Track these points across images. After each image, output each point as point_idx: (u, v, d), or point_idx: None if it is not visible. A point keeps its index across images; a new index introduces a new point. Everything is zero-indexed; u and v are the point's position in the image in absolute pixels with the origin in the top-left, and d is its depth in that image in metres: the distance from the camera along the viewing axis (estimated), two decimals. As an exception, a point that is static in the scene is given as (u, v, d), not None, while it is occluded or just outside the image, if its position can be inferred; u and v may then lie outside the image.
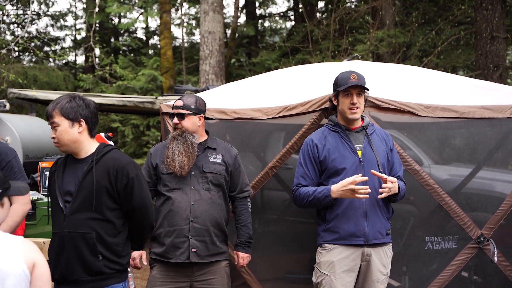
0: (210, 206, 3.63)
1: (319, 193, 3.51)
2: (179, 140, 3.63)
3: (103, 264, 2.92)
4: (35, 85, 13.19)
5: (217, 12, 10.93)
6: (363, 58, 9.91)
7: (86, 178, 2.93)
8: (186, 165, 3.59)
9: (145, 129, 11.40)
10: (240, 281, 4.30)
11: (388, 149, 3.67)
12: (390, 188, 3.44)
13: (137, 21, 15.76)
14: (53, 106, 2.98)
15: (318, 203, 3.54)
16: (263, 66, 12.85)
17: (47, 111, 3.01)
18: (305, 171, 3.62)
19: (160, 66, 12.49)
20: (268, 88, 4.67)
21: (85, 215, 2.90)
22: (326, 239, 3.56)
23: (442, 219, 4.20)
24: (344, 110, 3.58)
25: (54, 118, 2.96)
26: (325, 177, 3.59)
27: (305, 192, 3.57)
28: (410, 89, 4.30)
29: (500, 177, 4.80)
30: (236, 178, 3.78)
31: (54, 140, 3.00)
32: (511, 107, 4.03)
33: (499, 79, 9.55)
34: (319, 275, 3.56)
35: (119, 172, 2.95)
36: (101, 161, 2.97)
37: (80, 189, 2.92)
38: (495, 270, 4.05)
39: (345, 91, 3.56)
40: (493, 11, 9.74)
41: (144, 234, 3.17)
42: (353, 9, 12.03)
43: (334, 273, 3.49)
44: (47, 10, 17.97)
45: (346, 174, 3.51)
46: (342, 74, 3.62)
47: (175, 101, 3.76)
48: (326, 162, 3.56)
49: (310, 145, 3.63)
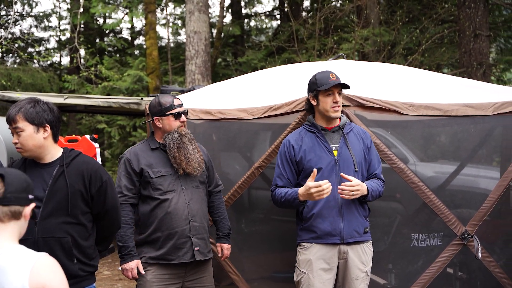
0: (201, 203, 3.69)
1: (289, 195, 3.59)
2: (189, 138, 3.66)
3: (78, 268, 2.95)
4: (19, 86, 13.06)
5: (203, 12, 10.92)
6: (349, 56, 9.96)
7: (57, 183, 2.90)
8: (202, 162, 3.67)
9: (132, 130, 11.34)
10: (227, 281, 4.31)
11: (366, 147, 3.71)
12: (350, 191, 3.46)
13: (122, 21, 15.67)
14: (16, 110, 2.89)
15: (289, 205, 3.63)
16: (249, 66, 12.85)
17: (10, 115, 2.90)
18: (282, 171, 3.69)
19: (146, 67, 12.43)
20: (254, 88, 4.68)
21: (59, 219, 2.89)
22: (304, 238, 3.63)
23: (427, 217, 4.24)
24: (327, 109, 3.61)
25: (18, 123, 2.89)
26: (302, 177, 3.63)
27: (279, 193, 3.65)
28: (395, 88, 4.33)
29: (484, 174, 4.86)
30: (211, 173, 3.87)
31: (17, 146, 2.92)
32: (494, 104, 4.07)
33: (482, 76, 9.64)
34: (299, 274, 3.63)
35: (93, 176, 2.98)
36: (71, 165, 2.96)
37: (51, 194, 2.88)
38: (479, 266, 4.10)
39: (327, 91, 3.58)
40: (475, 9, 9.84)
41: (112, 236, 3.23)
42: (338, 8, 12.08)
43: (311, 271, 3.55)
44: (30, 10, 17.80)
45: (322, 174, 3.56)
46: (321, 74, 3.65)
47: (173, 100, 3.70)
48: (303, 162, 3.61)
49: (287, 145, 3.68)
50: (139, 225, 3.63)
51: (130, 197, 3.59)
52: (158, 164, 3.64)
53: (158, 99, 3.70)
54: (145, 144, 3.75)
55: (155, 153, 3.68)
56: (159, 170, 3.61)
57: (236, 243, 4.37)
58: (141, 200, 3.64)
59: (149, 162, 3.63)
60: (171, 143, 3.62)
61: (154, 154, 3.67)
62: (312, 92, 3.67)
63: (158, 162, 3.64)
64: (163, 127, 3.67)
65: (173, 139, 3.62)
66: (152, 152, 3.68)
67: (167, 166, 3.64)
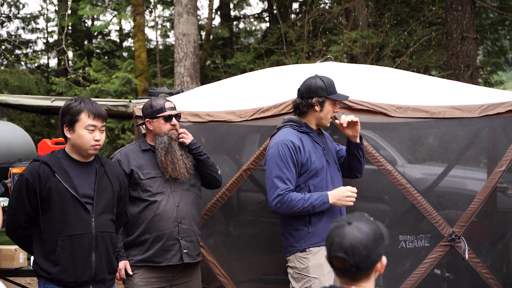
0: (191, 206, 3.66)
1: (316, 200, 3.43)
2: (179, 143, 3.65)
3: (115, 263, 3.19)
4: (6, 89, 12.96)
5: (191, 14, 10.90)
6: (337, 59, 9.99)
7: (102, 181, 3.03)
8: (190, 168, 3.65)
9: (120, 132, 11.30)
10: (216, 284, 4.30)
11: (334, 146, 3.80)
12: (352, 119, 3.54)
13: (111, 23, 15.60)
14: (102, 108, 3.01)
15: (312, 210, 3.45)
16: (238, 68, 12.85)
17: (102, 113, 2.99)
18: (292, 174, 3.47)
19: (134, 69, 12.39)
20: (243, 90, 4.68)
21: (107, 216, 3.04)
22: (312, 242, 3.49)
23: (415, 218, 4.26)
24: (327, 118, 3.58)
25: (105, 122, 3.02)
26: (305, 179, 3.51)
27: (299, 198, 3.43)
28: (383, 90, 4.35)
29: (471, 175, 4.90)
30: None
31: (98, 143, 2.97)
32: (480, 106, 4.10)
33: (470, 78, 9.72)
34: (307, 280, 3.47)
35: (122, 178, 3.23)
36: (107, 165, 3.11)
37: (99, 192, 3.00)
38: (466, 267, 4.12)
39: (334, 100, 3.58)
40: (463, 12, 9.92)
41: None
42: (327, 10, 12.12)
43: (323, 275, 3.45)
44: (17, 12, 17.69)
45: (322, 175, 3.53)
46: (328, 80, 3.57)
47: (165, 102, 3.68)
48: (308, 164, 3.50)
49: (292, 147, 3.47)
50: (127, 227, 3.60)
51: None
52: (148, 166, 3.62)
53: (151, 102, 3.70)
54: (136, 145, 3.74)
55: (145, 155, 3.66)
56: (149, 172, 3.60)
57: (225, 245, 4.37)
58: (130, 201, 3.60)
59: (140, 163, 3.62)
60: (159, 147, 3.61)
61: (145, 156, 3.66)
62: (320, 98, 3.54)
63: (149, 164, 3.63)
64: (154, 130, 3.66)
65: (161, 143, 3.60)
66: (143, 153, 3.67)
67: (157, 168, 3.62)
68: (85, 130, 2.94)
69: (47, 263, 2.90)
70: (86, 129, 2.94)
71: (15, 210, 2.97)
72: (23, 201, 2.92)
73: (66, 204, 2.90)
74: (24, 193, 2.91)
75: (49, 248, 2.91)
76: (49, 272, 2.90)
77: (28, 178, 2.91)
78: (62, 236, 2.89)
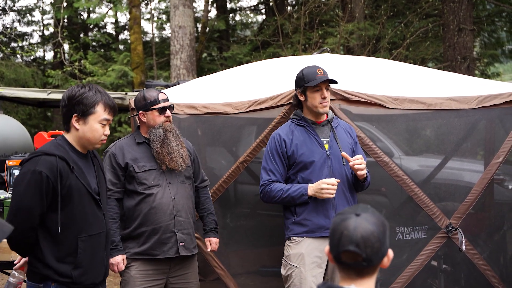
0: (187, 198, 3.67)
1: (295, 191, 3.52)
2: (174, 134, 3.63)
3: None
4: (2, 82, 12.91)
5: (187, 6, 10.85)
6: (334, 51, 9.96)
7: (99, 174, 2.90)
8: (186, 158, 3.64)
9: (117, 125, 11.27)
10: (213, 276, 4.30)
11: (353, 141, 3.73)
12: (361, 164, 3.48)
13: (106, 16, 15.51)
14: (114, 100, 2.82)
15: (292, 201, 3.55)
16: (235, 60, 12.81)
17: (116, 107, 2.80)
18: (275, 166, 3.60)
19: (130, 62, 12.34)
20: (239, 82, 4.66)
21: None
22: (295, 232, 3.58)
23: (412, 210, 4.26)
24: (315, 104, 3.59)
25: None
26: (294, 171, 3.60)
27: (278, 189, 3.56)
28: (379, 82, 4.34)
29: (468, 167, 4.90)
30: (197, 168, 3.86)
31: (106, 138, 2.81)
32: (477, 98, 4.10)
33: (466, 70, 9.71)
34: (289, 268, 3.58)
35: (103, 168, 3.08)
36: (97, 157, 2.96)
37: (101, 186, 2.87)
38: (463, 259, 4.13)
39: (315, 86, 3.57)
40: (459, 3, 9.89)
41: None
42: (323, 2, 12.07)
43: (303, 264, 3.52)
44: (13, 5, 17.59)
45: (314, 167, 3.55)
46: (308, 69, 3.62)
47: (158, 94, 3.66)
48: (295, 156, 3.58)
49: (278, 140, 3.62)
50: (123, 220, 3.60)
51: (115, 191, 3.56)
52: (143, 158, 3.61)
53: (143, 94, 3.67)
54: (130, 138, 3.72)
55: (140, 148, 3.65)
56: (144, 165, 3.59)
57: (222, 237, 4.36)
58: (126, 194, 3.61)
59: (134, 156, 3.61)
60: (154, 139, 3.59)
61: (140, 149, 3.65)
62: (300, 88, 3.62)
63: (143, 157, 3.62)
64: (148, 122, 3.65)
65: (156, 135, 3.59)
66: (138, 146, 3.65)
67: (152, 160, 3.61)
68: (99, 124, 2.74)
69: (65, 266, 2.66)
70: (100, 123, 2.74)
71: (29, 210, 2.61)
72: (41, 200, 2.61)
73: (84, 202, 2.71)
74: (44, 190, 2.60)
75: (65, 249, 2.67)
76: (68, 276, 2.67)
77: (48, 175, 2.60)
78: (82, 237, 2.70)
